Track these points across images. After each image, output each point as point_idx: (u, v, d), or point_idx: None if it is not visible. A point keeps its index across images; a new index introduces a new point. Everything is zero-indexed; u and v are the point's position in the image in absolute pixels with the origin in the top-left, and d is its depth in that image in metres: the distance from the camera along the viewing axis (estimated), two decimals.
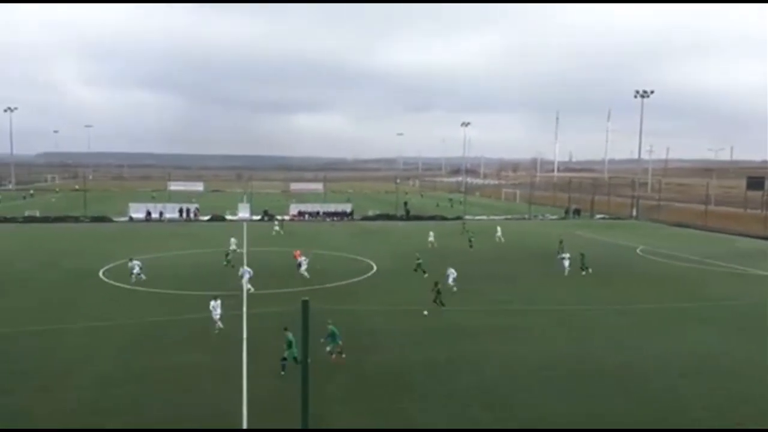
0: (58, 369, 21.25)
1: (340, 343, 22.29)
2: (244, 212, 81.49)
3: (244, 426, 16.92)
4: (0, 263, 42.37)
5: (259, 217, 79.43)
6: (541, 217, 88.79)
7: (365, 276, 39.97)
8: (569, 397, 19.48)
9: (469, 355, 23.45)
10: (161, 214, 78.25)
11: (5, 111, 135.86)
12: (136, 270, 36.31)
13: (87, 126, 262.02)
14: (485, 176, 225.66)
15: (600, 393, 19.93)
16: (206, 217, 79.01)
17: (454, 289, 34.02)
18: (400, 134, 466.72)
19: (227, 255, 43.07)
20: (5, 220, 71.94)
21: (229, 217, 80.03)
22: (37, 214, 77.03)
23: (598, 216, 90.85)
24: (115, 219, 75.21)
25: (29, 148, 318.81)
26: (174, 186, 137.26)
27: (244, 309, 29.93)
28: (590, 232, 68.49)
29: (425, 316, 28.98)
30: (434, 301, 30.46)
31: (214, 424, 17.05)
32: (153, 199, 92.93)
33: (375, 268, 43.23)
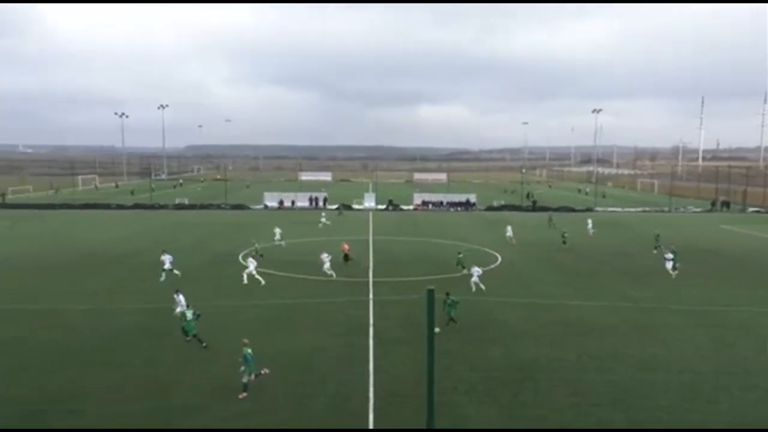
0: (197, 345, 23.06)
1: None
2: (369, 201, 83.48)
3: (370, 410, 17.36)
4: (151, 248, 46.67)
5: (384, 207, 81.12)
6: (683, 209, 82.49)
7: (490, 267, 39.46)
8: (712, 403, 18.00)
9: (598, 353, 22.39)
10: (293, 202, 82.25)
11: (158, 108, 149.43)
12: (167, 265, 34.65)
13: (227, 120, 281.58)
14: (618, 166, 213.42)
15: (748, 400, 18.21)
16: (334, 206, 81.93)
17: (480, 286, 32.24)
18: (525, 123, 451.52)
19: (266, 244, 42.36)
20: (159, 206, 79.31)
21: (355, 206, 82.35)
22: (186, 201, 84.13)
23: (751, 209, 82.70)
24: (251, 207, 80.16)
25: (179, 141, 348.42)
26: (304, 176, 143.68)
27: (371, 296, 30.72)
28: (740, 227, 62.58)
29: (539, 309, 28.05)
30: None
31: (338, 407, 17.67)
32: (284, 189, 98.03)
33: (500, 259, 42.53)
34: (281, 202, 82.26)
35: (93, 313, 27.30)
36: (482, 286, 32.06)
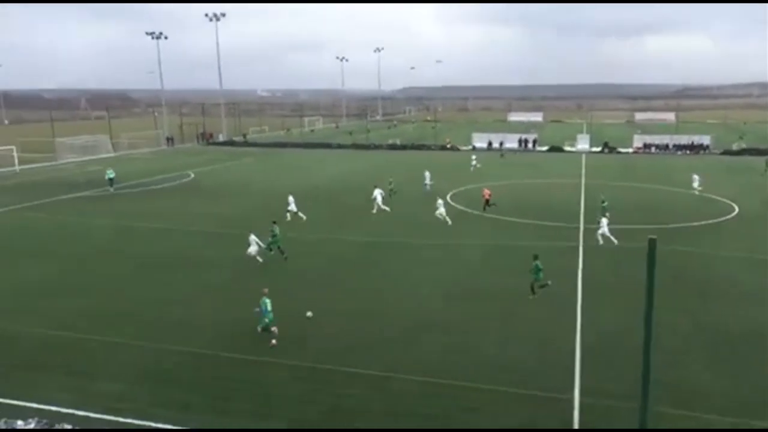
0: (408, 279, 24.31)
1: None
2: (583, 144, 78.91)
3: (576, 360, 16.87)
4: (365, 186, 49.61)
5: (599, 149, 76.20)
6: None
7: (723, 218, 35.15)
8: None
9: None
10: (501, 144, 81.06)
11: (374, 51, 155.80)
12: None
13: (437, 61, 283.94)
14: None
15: None
16: (544, 148, 78.97)
17: None
18: None
19: (391, 189, 41.90)
20: (374, 147, 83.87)
21: (567, 148, 78.54)
22: (398, 142, 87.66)
23: None
24: (460, 148, 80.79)
25: (392, 84, 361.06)
26: (514, 117, 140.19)
27: (581, 241, 29.45)
28: None
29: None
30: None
31: (543, 352, 17.44)
32: (497, 129, 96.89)
33: (737, 209, 37.62)
34: (489, 143, 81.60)
35: (325, 242, 30.18)
36: (614, 239, 28.58)
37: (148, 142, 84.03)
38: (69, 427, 13.18)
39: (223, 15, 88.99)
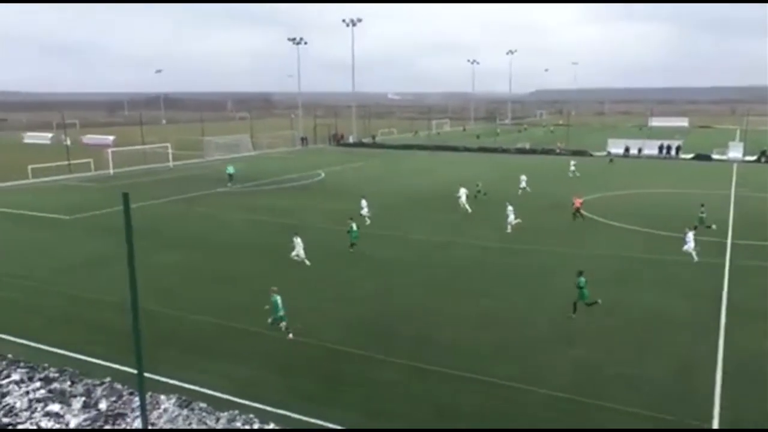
0: (533, 282, 23.66)
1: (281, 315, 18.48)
2: (735, 152, 72.20)
3: (717, 387, 15.52)
4: (494, 187, 48.86)
5: (754, 158, 69.38)
6: None
7: None
8: None
9: None
10: (640, 150, 76.37)
11: (507, 54, 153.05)
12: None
13: (573, 63, 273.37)
14: None
15: None
16: (689, 156, 73.28)
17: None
18: None
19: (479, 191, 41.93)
20: (502, 150, 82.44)
21: (716, 156, 72.28)
22: (527, 146, 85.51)
23: None
24: (593, 153, 77.17)
25: (524, 86, 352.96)
26: (655, 122, 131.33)
27: (727, 258, 27.03)
28: None
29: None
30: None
31: (679, 373, 16.21)
32: (640, 132, 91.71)
33: None
34: (627, 149, 77.15)
35: (448, 245, 30.27)
36: (695, 256, 25.86)
37: (284, 141, 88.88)
38: (204, 405, 14.29)
39: (360, 20, 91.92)
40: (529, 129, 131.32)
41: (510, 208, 33.18)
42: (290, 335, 18.44)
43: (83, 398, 14.45)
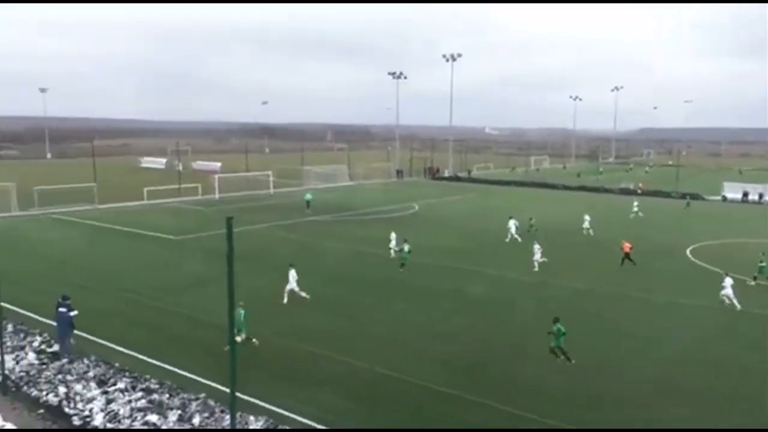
0: (641, 335, 22.43)
1: None
2: None
3: None
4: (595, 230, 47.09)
5: None
6: None
7: None
8: None
9: None
10: (761, 195, 71.09)
11: (611, 91, 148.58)
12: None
13: (686, 101, 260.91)
14: None
15: None
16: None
17: None
18: None
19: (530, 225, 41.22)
20: (604, 190, 79.52)
21: None
22: (631, 186, 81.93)
23: None
24: (706, 197, 72.73)
25: (629, 124, 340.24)
26: None
27: None
28: None
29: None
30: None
31: None
32: (741, 175, 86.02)
33: None
34: (745, 194, 72.06)
35: (541, 285, 29.50)
36: (736, 304, 24.29)
37: (380, 173, 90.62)
38: (288, 428, 14.60)
39: (460, 56, 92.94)
40: (634, 168, 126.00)
41: (537, 246, 33.09)
42: (254, 340, 20.13)
43: (179, 411, 15.19)
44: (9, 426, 14.69)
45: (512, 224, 40.46)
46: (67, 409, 15.31)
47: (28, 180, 60.21)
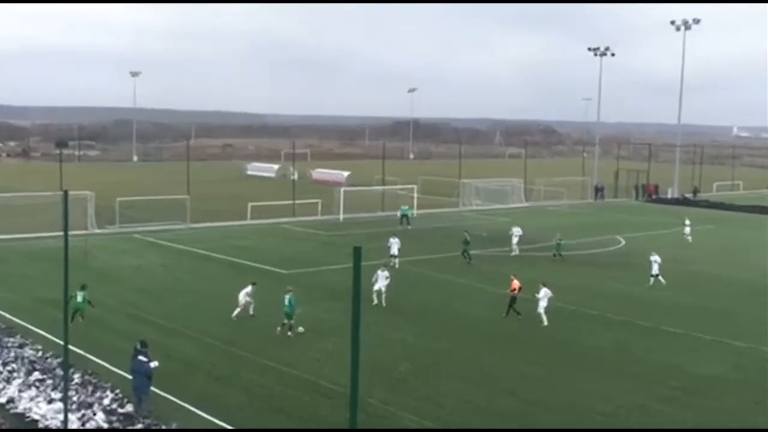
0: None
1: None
2: None
3: None
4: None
5: None
6: None
7: None
8: None
9: None
10: None
11: None
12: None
13: None
14: None
15: None
16: None
17: None
18: None
19: None
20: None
21: None
22: None
23: None
24: None
25: None
26: None
27: None
28: None
29: None
30: None
31: None
32: None
33: None
34: None
35: None
36: None
37: (570, 191, 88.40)
38: None
39: (697, 22, 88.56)
40: None
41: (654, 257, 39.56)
42: (289, 333, 27.08)
43: None
44: None
45: (515, 232, 43.07)
46: None
47: (109, 188, 66.11)
